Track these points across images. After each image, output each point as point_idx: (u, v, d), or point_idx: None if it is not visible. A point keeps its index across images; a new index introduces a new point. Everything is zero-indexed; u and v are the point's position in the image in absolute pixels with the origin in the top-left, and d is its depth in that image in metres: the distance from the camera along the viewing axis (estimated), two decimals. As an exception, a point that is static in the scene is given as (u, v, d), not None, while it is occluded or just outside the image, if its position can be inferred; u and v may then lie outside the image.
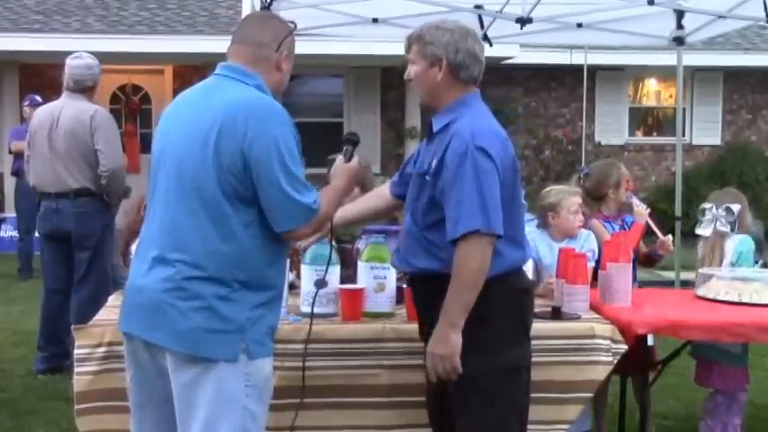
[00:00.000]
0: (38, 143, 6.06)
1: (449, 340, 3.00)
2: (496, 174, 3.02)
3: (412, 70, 3.19)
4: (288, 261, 3.16)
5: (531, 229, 4.69)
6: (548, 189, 4.79)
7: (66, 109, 6.07)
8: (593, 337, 3.64)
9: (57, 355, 6.10)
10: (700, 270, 4.47)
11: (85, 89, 6.14)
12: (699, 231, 4.56)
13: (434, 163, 3.10)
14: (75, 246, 6.08)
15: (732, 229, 4.56)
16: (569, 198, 4.59)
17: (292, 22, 3.04)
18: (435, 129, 3.18)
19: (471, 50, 3.15)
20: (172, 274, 2.80)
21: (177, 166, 2.85)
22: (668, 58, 8.89)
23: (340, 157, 3.14)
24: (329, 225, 3.17)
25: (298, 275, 3.88)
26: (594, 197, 4.91)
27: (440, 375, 3.05)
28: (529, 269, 4.06)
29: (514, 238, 3.14)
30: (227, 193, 2.78)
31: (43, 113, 6.17)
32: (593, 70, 14.53)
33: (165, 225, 2.86)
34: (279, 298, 2.99)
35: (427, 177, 3.13)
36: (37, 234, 6.61)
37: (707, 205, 4.61)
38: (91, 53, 6.33)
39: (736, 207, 4.58)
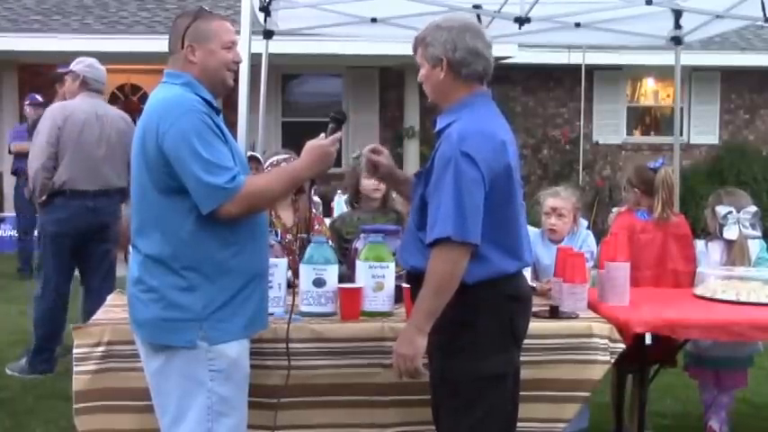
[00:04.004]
0: (85, 141, 5.97)
1: (413, 342, 3.01)
2: (481, 181, 2.95)
3: (420, 72, 3.18)
4: (264, 247, 3.19)
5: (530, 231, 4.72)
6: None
7: (107, 109, 6.17)
8: (591, 336, 3.65)
9: (53, 352, 6.15)
10: (698, 269, 4.50)
11: (102, 91, 6.25)
12: (726, 236, 4.59)
13: (428, 163, 3.11)
14: (101, 243, 6.10)
15: (755, 230, 4.61)
16: (545, 199, 4.62)
17: (200, 8, 3.18)
18: (437, 129, 3.16)
19: (471, 47, 3.08)
20: (136, 267, 3.05)
21: (132, 167, 3.08)
22: (666, 58, 8.90)
23: (322, 135, 3.14)
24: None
25: (295, 274, 3.88)
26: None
27: (402, 374, 3.08)
28: (527, 270, 4.08)
29: (505, 245, 3.06)
30: (161, 188, 2.96)
31: (82, 112, 6.02)
32: (591, 70, 14.56)
33: (133, 224, 3.10)
34: (251, 285, 3.06)
35: (421, 177, 3.15)
36: (35, 233, 6.54)
37: (726, 209, 4.61)
38: (90, 53, 6.38)
39: (755, 209, 4.63)
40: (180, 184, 2.94)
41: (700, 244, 4.76)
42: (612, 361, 3.67)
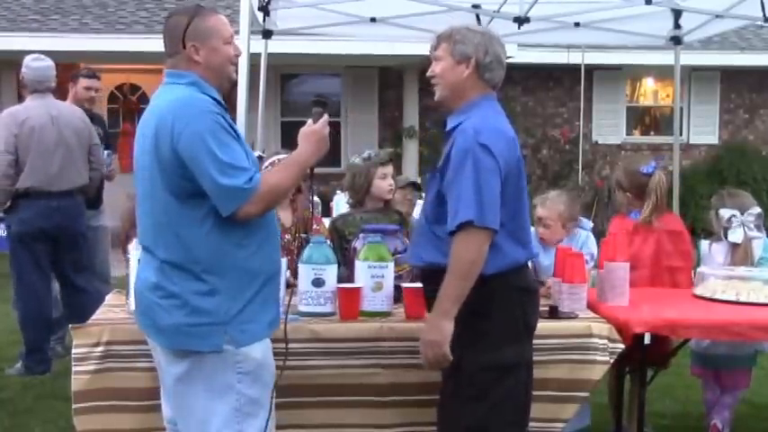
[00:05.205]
0: (43, 146, 5.94)
1: (441, 328, 3.08)
2: (498, 171, 3.09)
3: (437, 67, 3.29)
4: (277, 246, 3.18)
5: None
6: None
7: (61, 109, 6.09)
8: (591, 336, 3.65)
9: (46, 352, 6.18)
10: (698, 269, 4.49)
11: (53, 89, 6.18)
12: (731, 239, 4.58)
13: (443, 159, 3.22)
14: (72, 242, 6.11)
15: (759, 231, 4.61)
16: (536, 205, 4.59)
17: (197, 5, 3.13)
18: (448, 128, 3.28)
19: (498, 55, 3.27)
20: (153, 273, 2.98)
21: (141, 171, 3.03)
22: (665, 58, 8.89)
23: (309, 121, 3.14)
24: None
25: (293, 274, 3.88)
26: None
27: (430, 362, 3.13)
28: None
29: (517, 236, 3.21)
30: (175, 192, 2.91)
31: (36, 116, 5.98)
32: (591, 70, 14.54)
33: (144, 227, 3.04)
34: (269, 283, 3.05)
35: (437, 173, 3.24)
36: (3, 233, 6.52)
37: (730, 212, 4.60)
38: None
39: (759, 210, 4.63)
40: (196, 186, 2.89)
41: (704, 245, 4.75)
42: (612, 361, 3.67)
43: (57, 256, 6.12)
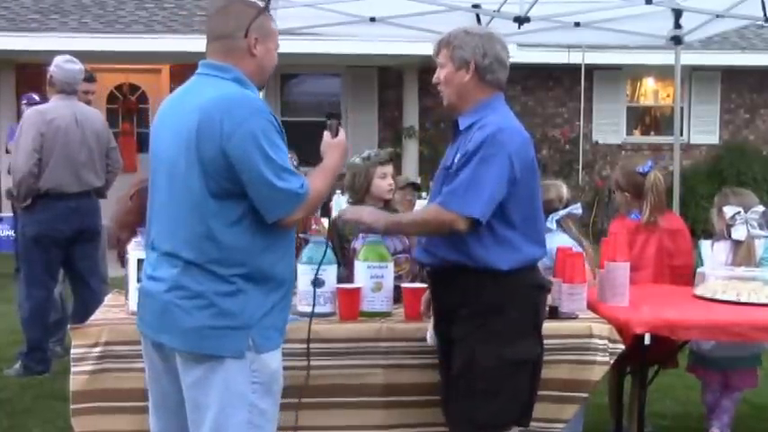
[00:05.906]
0: (68, 147, 5.99)
1: (361, 216, 3.31)
2: (507, 167, 3.13)
3: (441, 73, 3.33)
4: (294, 254, 3.11)
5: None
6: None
7: (84, 111, 6.16)
8: (591, 336, 3.64)
9: (46, 351, 6.20)
10: (698, 270, 4.48)
11: (78, 91, 6.21)
12: (735, 236, 4.58)
13: (458, 157, 3.23)
14: (88, 243, 6.15)
15: (762, 230, 4.60)
16: None
17: (262, 1, 3.05)
18: (462, 127, 3.31)
19: (498, 55, 3.29)
20: (174, 274, 2.84)
21: (168, 167, 2.88)
22: (666, 58, 8.88)
23: (327, 134, 3.13)
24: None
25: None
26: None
27: (347, 215, 3.40)
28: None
29: (531, 235, 3.26)
30: (214, 192, 2.79)
31: (62, 117, 6.01)
32: (591, 69, 14.54)
33: (164, 226, 2.91)
34: (289, 291, 2.99)
35: (450, 170, 3.25)
36: (16, 235, 6.53)
37: (734, 209, 4.60)
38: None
39: (763, 208, 4.62)
40: (238, 188, 2.78)
41: (705, 244, 4.73)
42: (612, 362, 3.66)
43: (72, 257, 6.15)
